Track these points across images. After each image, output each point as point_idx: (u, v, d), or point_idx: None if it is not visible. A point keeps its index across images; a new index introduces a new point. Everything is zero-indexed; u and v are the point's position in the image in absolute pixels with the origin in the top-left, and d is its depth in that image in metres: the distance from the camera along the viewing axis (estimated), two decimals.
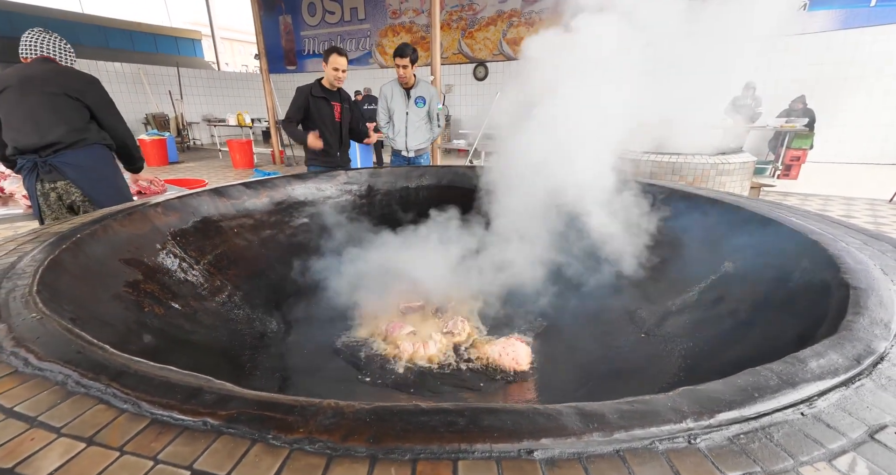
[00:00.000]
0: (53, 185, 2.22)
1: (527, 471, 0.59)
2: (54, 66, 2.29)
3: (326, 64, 3.26)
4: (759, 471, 0.58)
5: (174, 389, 0.74)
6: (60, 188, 2.25)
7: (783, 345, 1.11)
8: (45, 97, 2.19)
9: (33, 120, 2.16)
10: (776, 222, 1.73)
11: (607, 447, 0.62)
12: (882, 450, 0.62)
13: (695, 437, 0.64)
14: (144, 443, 0.64)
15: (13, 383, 0.77)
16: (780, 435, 0.64)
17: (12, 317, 0.97)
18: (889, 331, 0.90)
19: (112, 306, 1.36)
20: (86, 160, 2.26)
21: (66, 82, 2.23)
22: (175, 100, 11.60)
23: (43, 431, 0.66)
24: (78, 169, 2.24)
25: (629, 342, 1.78)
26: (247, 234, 2.29)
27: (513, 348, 1.74)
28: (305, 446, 0.63)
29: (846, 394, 0.73)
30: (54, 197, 2.23)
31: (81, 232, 1.54)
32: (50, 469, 0.59)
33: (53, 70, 2.26)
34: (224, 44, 18.73)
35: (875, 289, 1.09)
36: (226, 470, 0.59)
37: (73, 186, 2.24)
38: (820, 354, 0.82)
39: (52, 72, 2.25)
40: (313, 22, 12.93)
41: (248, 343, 1.72)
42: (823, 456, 0.60)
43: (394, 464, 0.60)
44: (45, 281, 1.18)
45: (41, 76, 2.20)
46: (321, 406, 0.70)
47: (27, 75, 2.20)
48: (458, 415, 0.68)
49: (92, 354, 0.84)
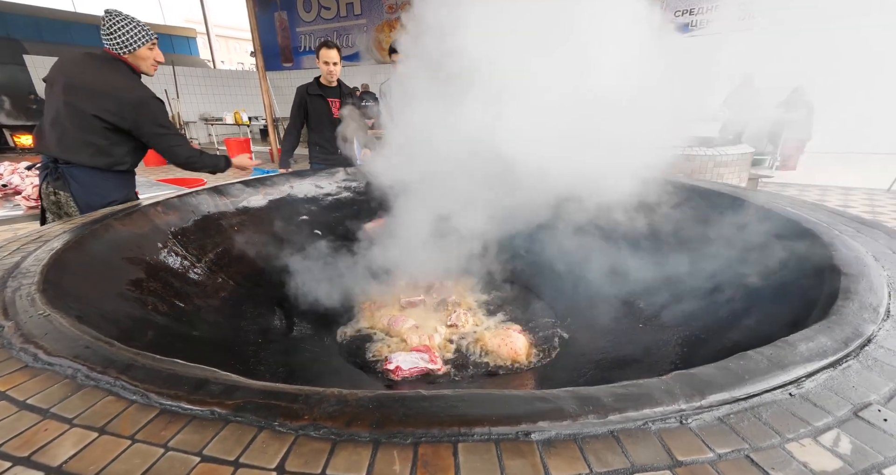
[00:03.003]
0: (56, 192, 2.16)
1: (525, 452, 0.61)
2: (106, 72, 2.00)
3: (318, 59, 3.27)
4: (747, 448, 0.60)
5: (181, 381, 0.76)
6: (62, 197, 2.13)
7: (777, 331, 1.14)
8: (76, 113, 1.97)
9: (60, 130, 2.01)
10: (772, 212, 1.75)
11: (602, 428, 0.65)
12: (865, 426, 0.64)
13: (686, 418, 0.66)
14: (155, 431, 0.66)
15: (25, 377, 0.79)
16: (768, 414, 0.67)
17: (19, 314, 1.00)
18: (877, 315, 0.92)
19: (116, 304, 1.38)
20: (93, 179, 2.11)
21: (104, 104, 1.97)
22: (171, 99, 11.55)
23: (56, 422, 0.68)
24: (84, 186, 2.10)
25: (627, 332, 1.80)
26: (247, 231, 2.30)
27: (511, 339, 1.76)
28: (311, 432, 0.65)
29: (833, 375, 0.75)
30: (53, 200, 2.20)
31: (83, 232, 1.55)
32: (65, 457, 0.61)
33: (102, 80, 1.99)
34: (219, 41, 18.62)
35: (866, 274, 1.11)
36: (234, 455, 0.61)
37: (72, 201, 2.12)
38: (809, 338, 0.85)
39: (100, 82, 1.98)
40: (309, 18, 12.85)
41: (252, 339, 1.75)
42: (809, 433, 0.63)
43: (396, 447, 0.63)
44: (49, 279, 1.20)
45: (86, 87, 1.97)
46: (325, 394, 0.72)
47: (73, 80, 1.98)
48: (457, 400, 0.70)
49: (100, 349, 0.86)
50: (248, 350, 1.65)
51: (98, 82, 1.98)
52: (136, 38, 2.01)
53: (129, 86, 2.02)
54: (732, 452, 0.60)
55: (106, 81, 1.99)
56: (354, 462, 0.60)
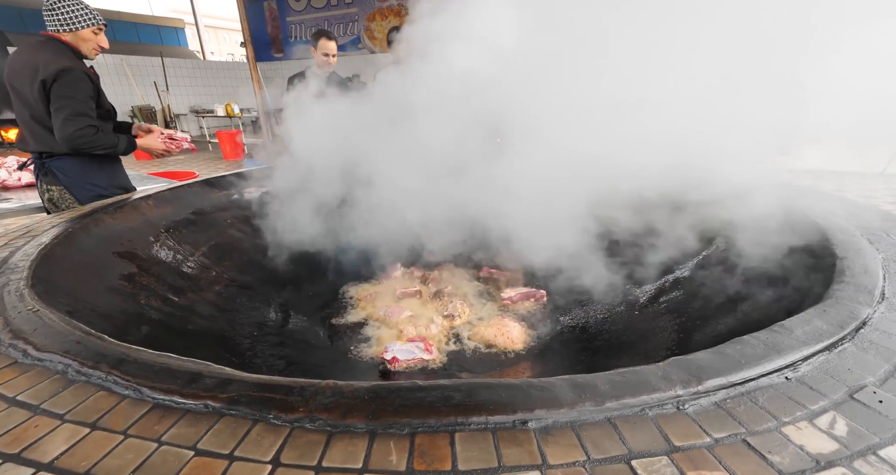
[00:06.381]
0: (49, 188, 2.13)
1: (522, 441, 0.61)
2: (36, 52, 1.92)
3: (316, 49, 3.20)
4: (743, 432, 0.60)
5: (174, 375, 0.75)
6: (55, 193, 2.12)
7: (773, 315, 1.14)
8: (23, 101, 1.93)
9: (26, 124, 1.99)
10: (766, 197, 1.74)
11: (599, 415, 0.65)
12: (861, 408, 0.64)
13: (683, 403, 0.66)
14: (148, 426, 0.65)
15: (14, 374, 0.78)
16: (764, 398, 0.67)
17: (8, 310, 0.98)
18: (872, 298, 0.93)
19: (108, 299, 1.36)
20: (77, 168, 2.08)
21: (33, 83, 1.88)
22: (161, 91, 11.37)
23: (47, 418, 0.67)
24: (71, 177, 2.08)
25: (623, 319, 1.81)
26: (240, 224, 2.28)
27: (507, 329, 1.76)
28: (306, 424, 0.64)
29: (829, 358, 0.75)
30: (48, 197, 2.17)
31: (73, 226, 1.53)
32: (57, 453, 0.60)
33: (31, 60, 1.92)
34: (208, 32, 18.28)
35: (861, 258, 1.11)
36: (229, 449, 0.61)
37: (67, 194, 2.12)
38: (805, 322, 0.85)
39: (29, 62, 1.91)
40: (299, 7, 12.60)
41: (247, 332, 1.74)
42: (805, 416, 0.63)
43: (392, 437, 0.62)
44: (38, 275, 1.18)
45: (20, 72, 1.91)
46: (320, 386, 0.71)
47: (12, 70, 1.94)
48: (454, 390, 0.70)
49: (91, 344, 0.84)
50: (243, 343, 1.64)
51: (28, 63, 1.93)
52: (79, 18, 1.97)
53: (51, 59, 1.90)
54: (729, 437, 0.60)
55: (32, 60, 1.93)
56: (350, 453, 0.59)
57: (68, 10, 1.94)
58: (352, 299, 2.15)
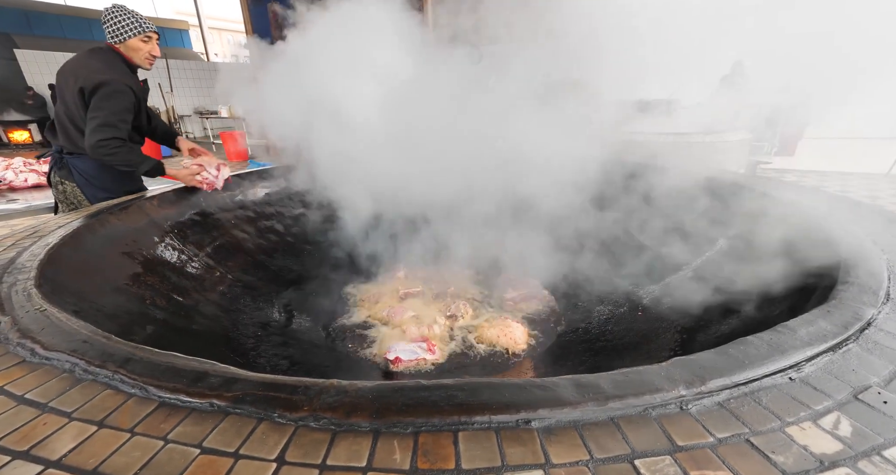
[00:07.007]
0: (62, 182, 2.18)
1: (525, 440, 0.61)
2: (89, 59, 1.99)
3: None
4: (747, 432, 0.60)
5: (180, 374, 0.75)
6: (68, 187, 2.17)
7: (777, 316, 1.14)
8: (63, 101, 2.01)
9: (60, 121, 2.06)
10: (770, 198, 1.74)
11: (602, 415, 0.65)
12: (865, 408, 0.64)
13: (686, 403, 0.66)
14: (154, 424, 0.66)
15: (22, 372, 0.78)
16: (768, 398, 0.67)
17: (15, 310, 0.99)
18: (877, 299, 0.92)
19: (114, 299, 1.37)
20: (93, 170, 2.11)
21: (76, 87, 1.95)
22: (165, 93, 11.43)
23: (55, 416, 0.68)
24: (84, 177, 2.12)
25: (626, 319, 1.81)
26: (244, 225, 2.29)
27: (510, 329, 1.76)
28: (310, 423, 0.65)
29: (833, 359, 0.75)
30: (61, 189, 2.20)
31: (79, 226, 1.54)
32: (65, 450, 0.61)
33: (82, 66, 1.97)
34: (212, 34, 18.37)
35: (865, 258, 1.11)
36: (234, 447, 0.61)
37: (79, 191, 2.15)
38: (809, 322, 0.84)
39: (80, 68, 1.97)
40: None
41: (251, 332, 1.74)
42: (809, 416, 0.63)
43: (396, 436, 0.62)
44: (45, 275, 1.19)
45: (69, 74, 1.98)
46: (324, 385, 0.72)
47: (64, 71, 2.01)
48: (457, 389, 0.70)
49: (97, 343, 0.85)
50: (247, 343, 1.65)
51: (78, 68, 1.99)
52: (126, 29, 2.01)
53: (99, 68, 1.97)
54: (733, 437, 0.60)
55: (83, 66, 1.99)
56: (355, 452, 0.60)
57: (116, 20, 2.00)
58: (355, 299, 2.15)
